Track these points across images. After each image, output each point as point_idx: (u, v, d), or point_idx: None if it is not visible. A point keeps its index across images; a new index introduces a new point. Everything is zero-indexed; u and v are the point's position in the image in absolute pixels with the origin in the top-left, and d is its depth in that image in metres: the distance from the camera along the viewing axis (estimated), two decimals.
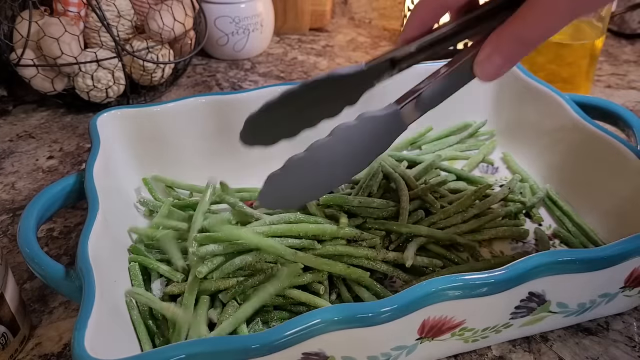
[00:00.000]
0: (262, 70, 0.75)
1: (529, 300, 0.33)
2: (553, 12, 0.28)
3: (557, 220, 0.46)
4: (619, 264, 0.32)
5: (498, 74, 0.30)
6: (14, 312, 0.35)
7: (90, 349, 0.27)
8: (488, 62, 0.30)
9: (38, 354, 0.36)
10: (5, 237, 0.46)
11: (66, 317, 0.39)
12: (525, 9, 0.28)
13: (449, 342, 0.34)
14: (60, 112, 0.64)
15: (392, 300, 0.29)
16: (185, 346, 0.27)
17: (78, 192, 0.40)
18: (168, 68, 0.64)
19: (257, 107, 0.49)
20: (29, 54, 0.57)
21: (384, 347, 0.31)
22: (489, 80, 0.31)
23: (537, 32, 0.29)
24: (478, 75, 0.31)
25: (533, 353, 0.37)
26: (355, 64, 0.34)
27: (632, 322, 0.39)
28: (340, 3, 0.97)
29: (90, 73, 0.58)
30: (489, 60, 0.30)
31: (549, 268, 0.31)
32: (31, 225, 0.36)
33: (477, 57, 0.30)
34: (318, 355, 0.30)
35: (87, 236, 0.34)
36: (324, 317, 0.28)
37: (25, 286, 0.41)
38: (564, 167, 0.48)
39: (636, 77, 0.72)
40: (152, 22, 0.60)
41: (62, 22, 0.56)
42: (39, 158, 0.56)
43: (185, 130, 0.48)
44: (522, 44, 0.29)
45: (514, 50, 0.29)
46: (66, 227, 0.47)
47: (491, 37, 0.30)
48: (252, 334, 0.28)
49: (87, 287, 0.31)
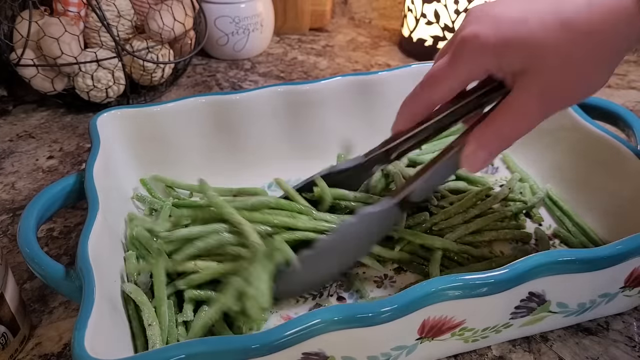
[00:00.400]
0: (262, 70, 0.75)
1: (529, 300, 0.33)
2: (526, 114, 0.32)
3: (557, 220, 0.46)
4: (619, 264, 0.32)
5: (483, 166, 0.34)
6: (14, 312, 0.35)
7: (90, 349, 0.27)
8: (474, 157, 0.34)
9: (38, 354, 0.36)
10: (5, 237, 0.46)
11: (66, 317, 0.39)
12: (503, 109, 0.32)
13: (449, 342, 0.34)
14: (60, 112, 0.64)
15: (392, 300, 0.29)
16: (185, 346, 0.27)
17: (78, 192, 0.40)
18: (168, 68, 0.64)
19: (256, 107, 0.50)
20: (29, 54, 0.57)
21: (384, 347, 0.31)
22: (476, 172, 0.35)
23: (514, 131, 0.33)
24: (466, 168, 0.34)
25: (533, 353, 0.37)
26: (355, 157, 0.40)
27: (632, 322, 0.39)
28: (340, 3, 0.97)
29: (90, 73, 0.58)
30: (475, 155, 0.34)
31: (549, 268, 0.31)
32: (31, 225, 0.36)
33: (464, 152, 0.34)
34: (318, 355, 0.30)
35: (87, 236, 0.34)
36: (324, 317, 0.28)
37: (25, 286, 0.41)
38: (564, 167, 0.48)
39: (636, 77, 0.72)
40: (152, 22, 0.60)
41: (62, 22, 0.56)
42: (39, 158, 0.56)
43: (185, 130, 0.48)
44: (502, 140, 0.33)
45: (495, 145, 0.33)
46: (66, 227, 0.47)
47: (474, 134, 0.33)
48: (252, 334, 0.28)
49: (87, 287, 0.31)
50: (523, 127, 0.32)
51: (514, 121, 0.32)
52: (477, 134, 0.33)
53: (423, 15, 0.75)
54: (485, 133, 0.33)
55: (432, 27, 0.75)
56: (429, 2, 0.73)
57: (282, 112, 0.50)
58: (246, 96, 0.48)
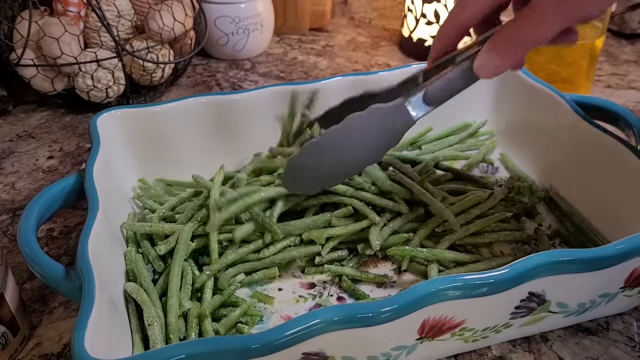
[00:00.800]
0: (262, 70, 0.75)
1: (529, 300, 0.33)
2: (541, 21, 0.31)
3: (557, 220, 0.46)
4: (619, 264, 0.32)
5: (496, 72, 0.34)
6: (14, 312, 0.35)
7: (90, 349, 0.27)
8: (487, 60, 0.33)
9: (38, 354, 0.36)
10: (5, 237, 0.46)
11: (66, 317, 0.39)
12: (520, 15, 0.32)
13: (449, 342, 0.34)
14: (60, 112, 0.64)
15: (392, 300, 0.29)
16: (185, 346, 0.27)
17: (78, 192, 0.40)
18: (168, 68, 0.64)
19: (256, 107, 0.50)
20: (29, 54, 0.57)
21: (384, 347, 0.31)
22: (488, 77, 0.34)
23: (529, 37, 0.32)
24: (477, 72, 0.34)
25: (533, 353, 0.37)
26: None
27: (632, 322, 0.39)
28: (340, 3, 0.97)
29: (90, 73, 0.58)
30: (489, 59, 0.33)
31: (549, 268, 0.31)
32: (31, 225, 0.36)
33: (478, 56, 0.33)
34: (318, 355, 0.30)
35: (87, 236, 0.34)
36: (324, 317, 0.28)
37: (25, 286, 0.41)
38: (564, 167, 0.48)
39: (636, 77, 0.72)
40: (152, 22, 0.60)
41: (62, 22, 0.56)
42: (39, 158, 0.56)
43: (185, 130, 0.48)
44: (517, 45, 0.32)
45: (510, 50, 0.32)
46: (66, 227, 0.47)
47: (490, 39, 0.33)
48: (252, 334, 0.28)
49: (87, 287, 0.31)
50: (538, 34, 0.31)
51: (530, 26, 0.31)
52: (492, 38, 0.33)
53: (423, 15, 0.75)
54: (500, 37, 0.32)
55: (432, 27, 0.75)
56: (429, 2, 0.73)
57: (282, 112, 0.50)
58: (246, 96, 0.48)
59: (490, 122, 0.57)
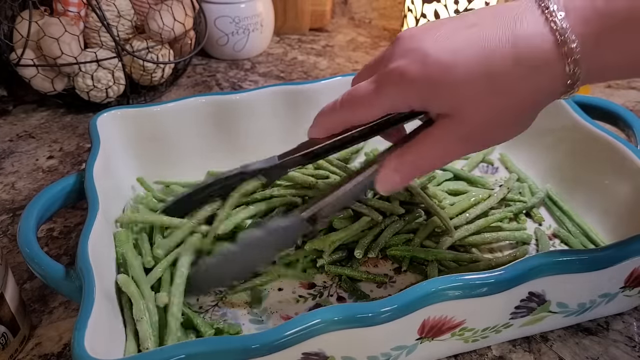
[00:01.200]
0: (262, 70, 0.75)
1: (529, 300, 0.33)
2: (445, 151, 0.33)
3: (557, 220, 0.46)
4: (619, 264, 0.33)
5: (395, 189, 0.35)
6: (14, 312, 0.35)
7: (90, 349, 0.27)
8: (388, 179, 0.34)
9: (38, 354, 0.36)
10: (5, 237, 0.46)
11: (66, 317, 0.39)
12: (423, 141, 0.32)
13: (449, 342, 0.34)
14: (60, 112, 0.64)
15: (392, 300, 0.29)
16: (185, 346, 0.27)
17: (78, 192, 0.40)
18: (168, 68, 0.64)
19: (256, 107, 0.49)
20: (29, 54, 0.57)
21: (384, 347, 0.31)
22: (387, 193, 0.36)
23: (431, 164, 0.33)
24: (379, 189, 0.35)
25: (533, 353, 0.37)
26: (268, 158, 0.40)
27: (632, 322, 0.39)
28: (340, 3, 0.97)
29: (90, 73, 0.58)
30: (390, 178, 0.34)
31: (549, 268, 0.31)
32: (31, 225, 0.36)
33: (380, 173, 0.34)
34: (318, 355, 0.30)
35: (87, 236, 0.34)
36: (324, 317, 0.28)
37: (25, 286, 0.41)
38: (564, 167, 0.48)
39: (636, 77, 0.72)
40: (152, 22, 0.60)
41: (62, 22, 0.56)
42: (39, 158, 0.56)
43: (185, 130, 0.48)
44: (418, 169, 0.34)
45: (410, 173, 0.34)
46: (66, 227, 0.47)
47: (392, 157, 0.34)
48: (252, 334, 0.28)
49: (87, 287, 0.31)
50: (440, 162, 0.33)
51: (433, 155, 0.33)
52: (395, 159, 0.33)
53: (423, 15, 0.75)
54: (403, 159, 0.33)
55: None
56: (429, 2, 0.73)
57: (282, 112, 0.50)
58: (246, 96, 0.48)
59: None
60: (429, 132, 0.32)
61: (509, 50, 0.29)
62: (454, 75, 0.29)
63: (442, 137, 0.32)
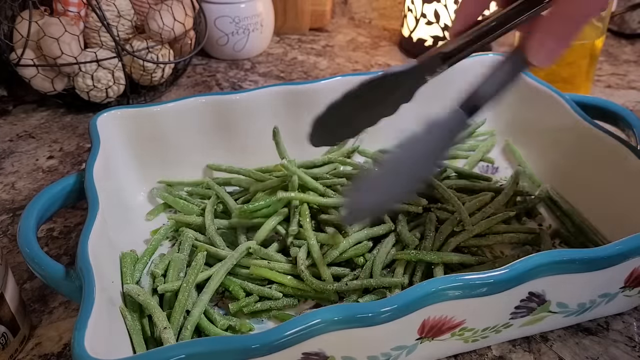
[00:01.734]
0: (262, 70, 0.75)
1: (529, 300, 0.33)
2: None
3: (557, 220, 0.46)
4: (619, 264, 0.32)
5: (553, 58, 0.30)
6: (14, 312, 0.35)
7: (90, 349, 0.27)
8: (542, 47, 0.30)
9: (38, 354, 0.36)
10: (5, 237, 0.46)
11: (66, 317, 0.39)
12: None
13: (449, 342, 0.34)
14: (60, 112, 0.64)
15: (392, 300, 0.29)
16: (185, 346, 0.27)
17: (78, 192, 0.40)
18: (168, 68, 0.64)
19: (256, 107, 0.49)
20: (29, 54, 0.57)
21: (384, 347, 0.31)
22: (545, 65, 0.31)
23: (582, 11, 0.29)
24: (533, 61, 0.31)
25: (533, 353, 0.37)
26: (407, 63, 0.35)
27: (632, 322, 0.39)
28: (340, 3, 0.97)
29: (90, 73, 0.58)
30: (543, 45, 0.30)
31: (549, 268, 0.31)
32: (31, 225, 0.36)
33: (530, 43, 0.30)
34: (318, 355, 0.30)
35: (87, 236, 0.34)
36: (324, 317, 0.28)
37: (25, 286, 0.41)
38: (564, 167, 0.48)
39: (636, 77, 0.72)
40: (152, 22, 0.60)
41: (62, 22, 0.56)
42: (39, 158, 0.56)
43: (185, 130, 0.48)
44: (571, 22, 0.29)
45: (564, 30, 0.29)
46: (66, 227, 0.47)
47: (539, 22, 0.30)
48: (252, 334, 0.28)
49: (87, 287, 0.31)
50: (592, 6, 0.29)
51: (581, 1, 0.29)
52: (542, 22, 0.30)
53: (423, 15, 0.75)
54: (551, 19, 0.29)
55: (432, 27, 0.75)
56: (429, 2, 0.73)
57: (282, 112, 0.50)
58: (246, 96, 0.48)
59: (490, 122, 0.57)
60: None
61: None
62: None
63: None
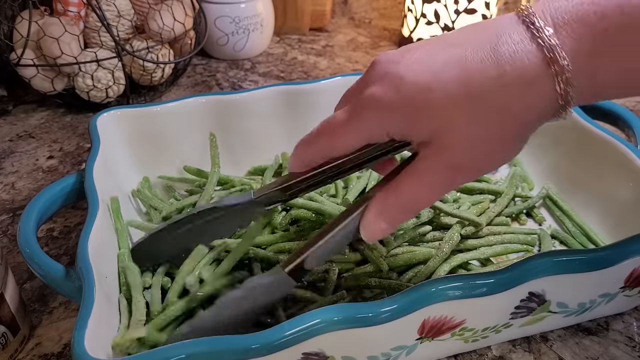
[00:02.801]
0: (262, 70, 0.75)
1: (529, 300, 0.33)
2: (432, 186, 0.29)
3: (557, 220, 0.46)
4: (619, 264, 0.32)
5: (382, 236, 0.31)
6: (14, 312, 0.35)
7: (90, 349, 0.27)
8: (374, 225, 0.31)
9: (38, 354, 0.36)
10: (5, 237, 0.46)
11: (66, 317, 0.39)
12: (408, 177, 0.29)
13: (449, 342, 0.34)
14: (60, 112, 0.64)
15: (392, 300, 0.29)
16: (185, 346, 0.27)
17: (78, 192, 0.40)
18: (168, 68, 0.64)
19: (256, 107, 0.49)
20: (29, 54, 0.57)
21: (384, 347, 0.31)
22: (373, 241, 0.32)
23: (419, 202, 0.30)
24: (364, 237, 0.31)
25: (533, 353, 0.37)
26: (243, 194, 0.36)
27: (632, 322, 0.39)
28: (340, 3, 0.97)
29: (90, 73, 0.58)
30: (375, 224, 0.31)
31: (549, 268, 0.31)
32: (31, 225, 0.36)
33: (363, 221, 0.31)
34: (318, 355, 0.30)
35: (87, 236, 0.34)
36: (324, 317, 0.28)
37: (25, 286, 0.41)
38: (564, 167, 0.48)
39: None
40: (152, 22, 0.60)
41: (62, 22, 0.56)
42: (39, 158, 0.56)
43: (185, 130, 0.48)
44: (406, 211, 0.30)
45: (398, 216, 0.31)
46: (66, 227, 0.47)
47: (377, 200, 0.31)
48: (252, 334, 0.28)
49: (87, 287, 0.31)
50: (428, 199, 0.30)
51: (420, 191, 0.30)
52: (379, 201, 0.30)
53: (423, 15, 0.75)
54: (386, 202, 0.30)
55: (432, 27, 0.75)
56: (429, 2, 0.73)
57: (282, 112, 0.50)
58: (246, 96, 0.48)
59: None
60: (413, 166, 0.29)
61: (491, 69, 0.26)
62: (432, 97, 0.27)
63: (428, 170, 0.29)
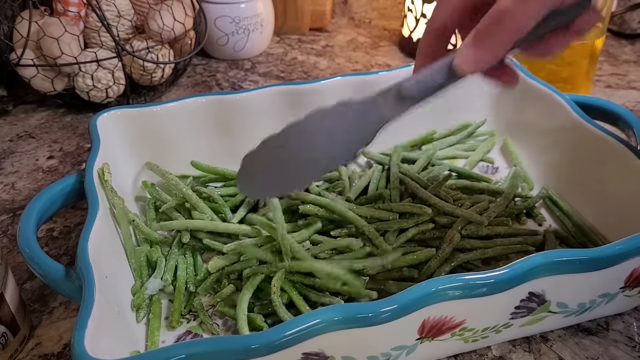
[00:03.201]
0: (262, 70, 0.75)
1: (529, 300, 0.33)
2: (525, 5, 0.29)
3: (557, 220, 0.46)
4: (619, 264, 0.32)
5: (477, 67, 0.31)
6: (14, 312, 0.35)
7: (90, 349, 0.27)
8: (467, 53, 0.31)
9: (38, 354, 0.36)
10: (5, 237, 0.46)
11: (66, 317, 0.39)
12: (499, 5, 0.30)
13: (449, 342, 0.34)
14: (60, 112, 0.64)
15: (392, 300, 0.29)
16: (185, 346, 0.27)
17: (78, 192, 0.40)
18: (168, 68, 0.64)
19: (256, 107, 0.49)
20: (29, 54, 0.57)
21: (384, 347, 0.31)
22: (469, 72, 0.31)
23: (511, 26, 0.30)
24: (457, 66, 0.31)
25: (533, 353, 0.37)
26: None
27: (632, 322, 0.39)
28: (340, 3, 0.97)
29: (90, 73, 0.58)
30: (468, 52, 0.31)
31: (549, 268, 0.31)
32: (31, 225, 0.36)
33: (458, 49, 0.31)
34: (318, 355, 0.30)
35: (87, 236, 0.34)
36: (324, 317, 0.28)
37: (25, 286, 0.41)
38: (564, 167, 0.48)
39: (636, 77, 0.72)
40: (152, 22, 0.60)
41: (62, 22, 0.56)
42: (39, 158, 0.56)
43: (185, 130, 0.48)
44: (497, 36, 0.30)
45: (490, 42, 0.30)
46: (66, 227, 0.47)
47: (471, 32, 0.31)
48: (252, 334, 0.28)
49: (87, 287, 0.31)
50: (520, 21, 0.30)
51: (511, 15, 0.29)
52: (472, 31, 0.31)
53: (423, 15, 0.74)
54: (479, 29, 0.30)
55: None
56: (429, 2, 0.73)
57: (282, 112, 0.50)
58: (246, 96, 0.48)
59: (490, 122, 0.57)
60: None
61: None
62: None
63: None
